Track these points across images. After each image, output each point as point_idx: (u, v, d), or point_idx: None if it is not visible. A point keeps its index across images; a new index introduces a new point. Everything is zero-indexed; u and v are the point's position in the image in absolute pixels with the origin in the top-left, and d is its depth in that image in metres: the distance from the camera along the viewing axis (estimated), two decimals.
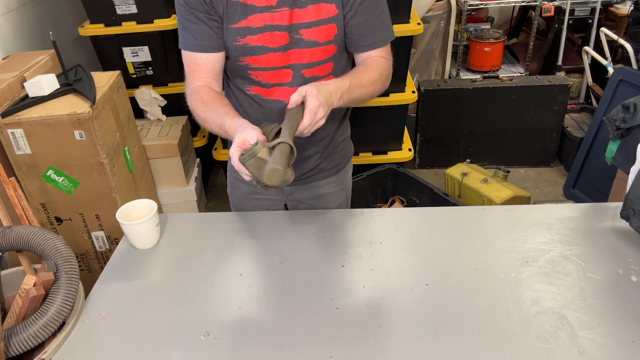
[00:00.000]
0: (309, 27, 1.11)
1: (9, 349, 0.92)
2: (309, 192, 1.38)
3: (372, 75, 1.13)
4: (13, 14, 2.15)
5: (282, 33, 1.11)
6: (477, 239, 1.17)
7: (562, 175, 2.98)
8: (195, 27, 1.11)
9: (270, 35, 1.11)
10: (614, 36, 2.77)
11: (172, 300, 1.05)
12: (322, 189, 1.38)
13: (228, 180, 1.45)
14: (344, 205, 1.47)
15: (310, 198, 1.38)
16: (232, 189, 1.43)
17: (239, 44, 1.12)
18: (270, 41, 1.11)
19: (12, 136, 1.60)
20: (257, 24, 1.10)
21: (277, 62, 1.14)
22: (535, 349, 0.89)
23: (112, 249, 1.88)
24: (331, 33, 1.13)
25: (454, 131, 2.98)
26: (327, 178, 1.38)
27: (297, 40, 1.12)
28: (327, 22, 1.11)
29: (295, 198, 1.39)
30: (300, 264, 1.13)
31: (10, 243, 1.05)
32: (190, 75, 1.17)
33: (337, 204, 1.43)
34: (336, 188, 1.41)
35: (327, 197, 1.39)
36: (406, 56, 2.45)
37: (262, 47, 1.12)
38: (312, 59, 1.14)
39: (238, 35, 1.11)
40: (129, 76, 2.52)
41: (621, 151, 1.55)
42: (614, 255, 1.10)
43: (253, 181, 0.96)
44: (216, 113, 1.09)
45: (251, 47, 1.12)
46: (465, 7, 3.17)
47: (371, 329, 0.95)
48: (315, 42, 1.12)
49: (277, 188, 0.95)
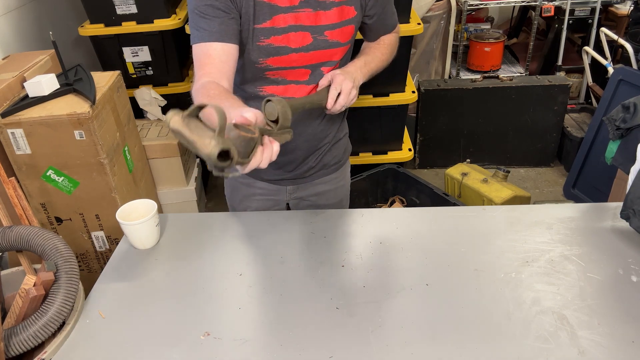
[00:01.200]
0: (333, 29, 1.13)
1: (9, 349, 0.92)
2: (311, 190, 1.38)
3: (385, 50, 1.26)
4: (13, 14, 2.15)
5: (305, 33, 1.11)
6: (477, 239, 1.17)
7: (562, 175, 2.98)
8: (211, 20, 1.07)
9: (294, 35, 1.11)
10: (614, 36, 2.77)
11: (172, 300, 1.05)
12: (325, 185, 1.39)
13: (226, 182, 1.44)
14: (345, 200, 1.48)
15: (312, 195, 1.39)
16: (232, 191, 1.42)
17: (263, 44, 1.11)
18: (293, 41, 1.11)
19: (12, 136, 1.60)
20: (281, 24, 1.10)
21: (298, 62, 1.15)
22: (535, 349, 0.89)
23: (112, 249, 1.88)
24: (350, 34, 1.17)
25: (454, 131, 2.98)
26: (330, 174, 1.39)
27: (321, 41, 1.13)
28: (348, 24, 1.15)
29: (298, 196, 1.39)
30: (300, 264, 1.13)
31: (10, 243, 1.05)
32: (200, 70, 1.12)
33: (339, 200, 1.44)
34: (338, 184, 1.42)
35: (328, 194, 1.40)
36: (406, 56, 2.45)
37: (285, 48, 1.12)
38: (332, 57, 1.17)
39: (262, 36, 1.10)
40: (129, 76, 2.52)
41: (621, 151, 1.55)
42: (614, 255, 1.10)
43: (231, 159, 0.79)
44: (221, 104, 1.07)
45: (274, 47, 1.11)
46: (465, 7, 3.17)
47: (371, 329, 0.95)
48: (338, 42, 1.15)
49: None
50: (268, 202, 1.39)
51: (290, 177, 1.34)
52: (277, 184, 1.36)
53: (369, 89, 2.51)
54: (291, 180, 1.35)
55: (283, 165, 1.32)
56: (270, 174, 1.33)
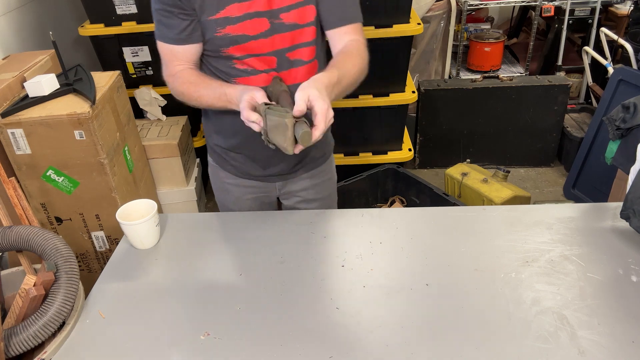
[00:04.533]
0: (288, 11, 1.13)
1: (9, 349, 0.92)
2: (300, 184, 1.40)
3: (356, 62, 1.14)
4: (13, 14, 2.15)
5: (262, 19, 1.13)
6: (477, 239, 1.17)
7: (562, 175, 2.98)
8: (169, 21, 1.14)
9: (250, 22, 1.12)
10: (614, 36, 2.77)
11: (172, 300, 1.05)
12: (313, 179, 1.41)
13: (216, 186, 1.45)
14: (334, 194, 1.50)
15: (301, 190, 1.41)
16: (223, 193, 1.44)
17: (220, 35, 1.13)
18: (250, 29, 1.13)
19: (12, 136, 1.60)
20: (236, 14, 1.12)
21: (261, 49, 1.15)
22: (535, 349, 0.89)
23: (112, 249, 1.88)
24: (311, 14, 1.16)
25: (454, 131, 2.98)
26: (317, 167, 1.41)
27: (278, 25, 1.14)
28: (304, 4, 1.14)
29: (287, 191, 1.41)
30: (300, 264, 1.13)
31: (10, 243, 1.05)
32: (169, 63, 1.20)
33: (327, 193, 1.46)
34: (325, 177, 1.44)
35: (317, 187, 1.43)
36: (406, 56, 2.45)
37: (243, 36, 1.13)
38: (294, 41, 1.17)
39: (217, 27, 1.13)
40: (129, 76, 2.52)
41: (621, 151, 1.55)
42: (614, 255, 1.10)
43: (262, 133, 1.02)
44: (210, 87, 1.15)
45: (232, 37, 1.13)
46: (465, 7, 3.17)
47: (371, 329, 0.95)
48: (296, 24, 1.15)
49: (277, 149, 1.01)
50: (259, 200, 1.42)
51: (279, 173, 1.36)
52: (267, 181, 1.38)
53: (369, 89, 2.51)
54: (280, 177, 1.37)
55: (271, 163, 1.33)
56: (260, 171, 1.35)
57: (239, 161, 1.34)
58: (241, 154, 1.33)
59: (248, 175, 1.37)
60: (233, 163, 1.35)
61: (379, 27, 2.31)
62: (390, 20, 2.31)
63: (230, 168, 1.37)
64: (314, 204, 1.44)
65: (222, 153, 1.36)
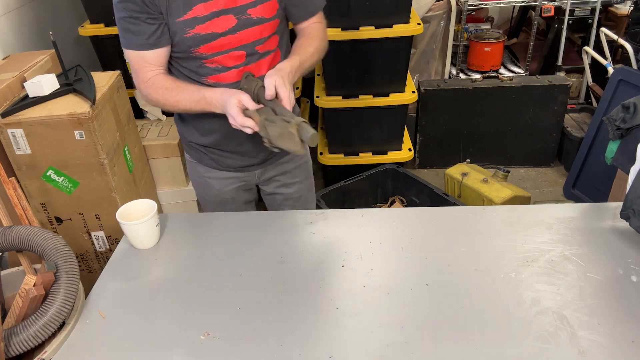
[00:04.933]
0: (255, 6, 1.18)
1: (9, 349, 0.92)
2: (278, 169, 1.45)
3: (316, 45, 1.28)
4: (13, 14, 2.15)
5: (228, 16, 1.16)
6: (477, 239, 1.17)
7: (562, 175, 2.97)
8: (137, 27, 1.14)
9: (218, 20, 1.15)
10: (614, 36, 2.77)
11: (172, 300, 1.05)
12: (289, 164, 1.46)
13: (196, 182, 1.47)
14: (311, 179, 1.56)
15: (280, 174, 1.47)
16: (205, 189, 1.46)
17: (189, 35, 1.15)
18: (218, 26, 1.16)
19: (12, 136, 1.60)
20: (203, 13, 1.14)
21: (230, 45, 1.19)
22: (535, 349, 0.89)
23: (112, 249, 1.88)
24: (274, 8, 1.21)
25: (454, 131, 2.98)
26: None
27: (245, 20, 1.18)
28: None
29: (266, 177, 1.46)
30: (300, 264, 1.13)
31: (10, 243, 1.05)
32: (140, 70, 1.20)
33: (305, 177, 1.52)
34: (301, 161, 1.49)
35: (294, 171, 1.48)
36: (406, 56, 2.45)
37: (212, 34, 1.16)
38: (262, 34, 1.22)
39: (186, 27, 1.15)
40: (129, 76, 2.50)
41: (621, 151, 1.55)
42: (614, 255, 1.10)
43: (265, 140, 1.11)
44: (187, 91, 1.18)
45: (201, 36, 1.16)
46: (465, 7, 3.17)
47: (371, 329, 0.95)
48: (263, 18, 1.20)
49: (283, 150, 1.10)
50: (240, 189, 1.46)
51: (257, 162, 1.40)
52: (247, 170, 1.42)
53: (369, 89, 2.51)
54: (258, 165, 1.41)
55: (249, 153, 1.37)
56: (239, 162, 1.39)
57: (217, 154, 1.37)
58: (220, 150, 1.36)
59: (228, 168, 1.40)
60: (212, 156, 1.38)
61: (379, 27, 2.31)
62: (390, 20, 2.31)
63: (209, 162, 1.40)
64: (292, 187, 1.49)
65: (199, 149, 1.38)
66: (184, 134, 1.39)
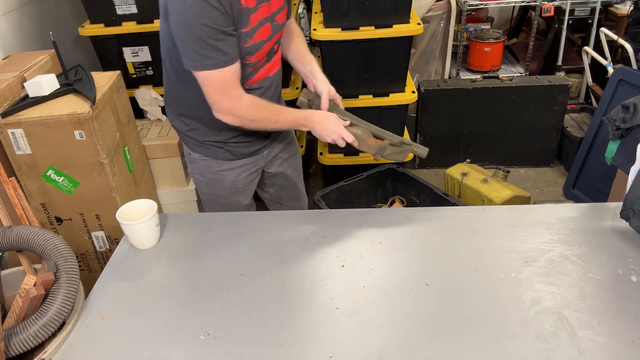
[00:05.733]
0: (279, 13, 1.29)
1: (9, 349, 0.92)
2: (278, 147, 1.56)
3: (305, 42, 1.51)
4: (13, 14, 2.15)
5: (267, 24, 1.25)
6: (477, 239, 1.17)
7: (562, 175, 2.97)
8: (226, 42, 1.13)
9: (262, 29, 1.23)
10: (614, 36, 2.77)
11: (172, 300, 1.05)
12: (283, 141, 1.57)
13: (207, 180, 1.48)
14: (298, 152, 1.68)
15: (280, 151, 1.57)
16: (218, 183, 1.48)
17: (248, 45, 1.21)
18: (263, 34, 1.25)
19: (12, 136, 1.60)
20: (254, 24, 1.20)
21: (267, 50, 1.30)
22: (535, 349, 0.89)
23: (112, 249, 1.88)
24: (287, 12, 1.35)
25: (454, 131, 2.98)
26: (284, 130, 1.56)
27: (275, 26, 1.29)
28: (285, 5, 1.32)
29: (272, 156, 1.55)
30: (300, 264, 1.13)
31: (10, 243, 1.05)
32: (234, 86, 1.19)
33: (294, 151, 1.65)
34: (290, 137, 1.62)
35: (287, 147, 1.60)
36: (406, 56, 2.45)
37: (261, 42, 1.24)
38: (280, 36, 1.35)
39: (247, 38, 1.20)
40: (129, 76, 2.51)
41: (621, 151, 1.55)
42: (614, 255, 1.10)
43: (375, 157, 1.43)
44: (284, 112, 1.32)
45: (255, 44, 1.22)
46: (465, 7, 3.17)
47: (371, 329, 0.96)
48: (283, 23, 1.33)
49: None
50: (252, 175, 1.52)
51: (264, 144, 1.49)
52: (257, 154, 1.49)
53: (369, 89, 2.51)
54: (266, 146, 1.50)
55: (260, 138, 1.45)
56: (252, 148, 1.45)
57: (232, 146, 1.41)
58: (234, 142, 1.41)
59: (242, 155, 1.45)
60: (228, 149, 1.42)
61: (379, 27, 2.31)
62: (390, 20, 2.31)
63: (224, 154, 1.43)
64: (288, 162, 1.61)
65: (214, 145, 1.41)
66: (195, 137, 1.40)
